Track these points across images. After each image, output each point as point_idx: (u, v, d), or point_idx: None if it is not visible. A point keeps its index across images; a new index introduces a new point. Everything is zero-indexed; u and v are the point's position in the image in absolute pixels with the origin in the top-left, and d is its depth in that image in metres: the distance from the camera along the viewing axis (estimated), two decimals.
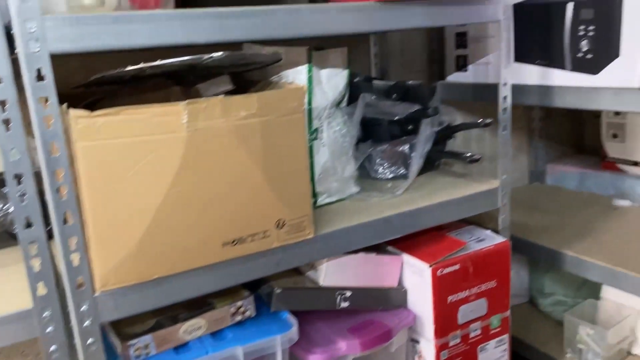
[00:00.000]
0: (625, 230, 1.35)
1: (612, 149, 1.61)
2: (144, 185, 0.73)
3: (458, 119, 1.55)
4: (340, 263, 1.00)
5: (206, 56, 0.75)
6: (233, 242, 0.82)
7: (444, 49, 1.51)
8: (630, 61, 1.07)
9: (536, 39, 1.24)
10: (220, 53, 0.75)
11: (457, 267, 1.04)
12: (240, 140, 0.79)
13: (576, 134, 1.88)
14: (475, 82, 1.41)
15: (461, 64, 1.45)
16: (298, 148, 0.85)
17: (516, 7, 1.25)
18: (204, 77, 0.96)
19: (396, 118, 1.16)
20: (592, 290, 1.37)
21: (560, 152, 1.85)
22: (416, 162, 1.13)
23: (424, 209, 1.04)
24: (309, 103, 1.01)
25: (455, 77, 1.47)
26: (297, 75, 1.01)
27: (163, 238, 0.76)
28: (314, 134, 1.03)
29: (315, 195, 1.04)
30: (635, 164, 1.55)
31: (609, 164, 1.63)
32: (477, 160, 1.11)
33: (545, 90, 1.24)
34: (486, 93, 1.37)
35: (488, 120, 1.14)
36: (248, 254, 0.84)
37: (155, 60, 0.73)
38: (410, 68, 1.52)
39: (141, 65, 0.72)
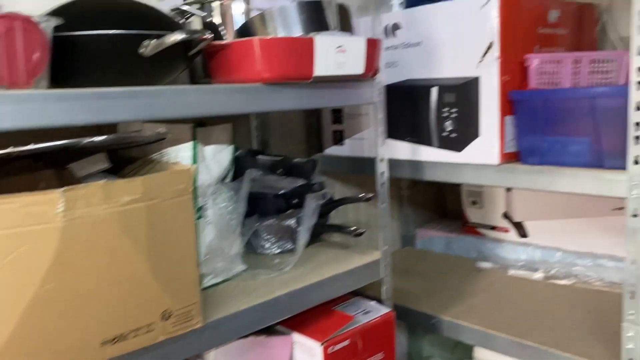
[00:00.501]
0: (491, 293, 1.47)
1: (472, 214, 1.76)
2: (10, 284, 0.64)
3: (337, 193, 1.60)
4: (229, 349, 0.95)
5: (86, 140, 0.69)
6: (114, 339, 0.74)
7: (321, 123, 1.57)
8: (488, 141, 1.19)
9: (406, 118, 1.34)
10: (102, 137, 0.70)
11: (347, 342, 1.04)
12: (123, 228, 0.73)
13: (440, 201, 2.03)
14: (352, 156, 1.48)
15: (338, 138, 1.51)
16: (186, 232, 0.81)
17: (388, 88, 1.35)
18: (77, 156, 0.89)
19: (282, 192, 1.17)
20: (466, 350, 1.45)
21: (427, 218, 1.98)
22: (303, 236, 1.13)
23: (312, 285, 1.04)
24: (195, 180, 0.97)
25: (333, 150, 1.53)
26: (181, 152, 0.97)
27: (31, 342, 0.66)
28: (198, 212, 1.00)
29: (200, 277, 0.99)
30: (493, 228, 1.71)
31: (470, 229, 1.77)
32: (361, 234, 1.15)
33: (416, 164, 1.34)
34: (363, 166, 1.44)
35: (369, 195, 1.19)
36: (131, 351, 0.77)
37: (27, 143, 0.66)
38: (290, 140, 1.55)
39: (9, 149, 0.64)
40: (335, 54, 0.98)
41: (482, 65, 1.17)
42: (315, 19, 0.98)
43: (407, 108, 1.34)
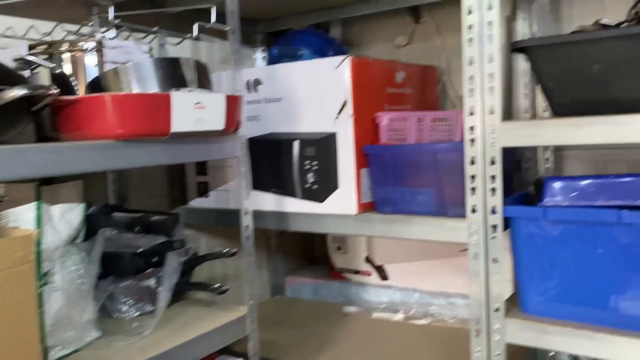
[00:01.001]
0: (356, 337, 1.51)
1: (338, 259, 1.81)
2: None
3: (203, 245, 1.57)
4: None
5: None
6: None
7: (184, 175, 1.54)
8: (347, 192, 1.25)
9: (271, 171, 1.37)
10: None
11: None
12: None
13: (308, 247, 2.07)
14: (218, 208, 1.46)
15: (203, 190, 1.49)
16: (25, 305, 0.74)
17: (252, 141, 1.37)
18: None
19: (140, 250, 1.12)
20: None
21: (296, 265, 2.00)
22: (164, 297, 1.09)
23: (175, 349, 0.99)
24: (38, 245, 0.89)
25: (197, 203, 1.50)
26: (23, 214, 0.89)
27: None
28: (43, 278, 0.91)
29: (45, 350, 0.90)
30: (357, 272, 1.78)
31: (337, 274, 1.83)
32: (225, 292, 1.13)
33: (282, 216, 1.36)
34: (229, 218, 1.43)
35: (234, 250, 1.18)
36: None
37: None
38: (151, 193, 1.50)
39: None
40: (193, 110, 0.97)
41: (338, 122, 1.24)
42: (173, 76, 0.97)
43: (271, 160, 1.37)
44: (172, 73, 0.97)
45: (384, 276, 1.72)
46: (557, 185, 1.05)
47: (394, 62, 1.37)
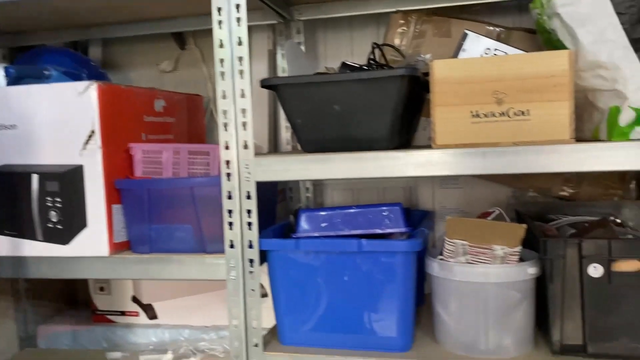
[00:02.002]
0: None
1: (101, 301, 1.65)
2: None
3: None
4: None
5: None
6: None
7: None
8: (96, 231, 1.13)
9: (5, 209, 1.17)
10: None
11: None
12: None
13: (67, 289, 1.85)
14: None
15: None
16: None
17: None
18: None
19: None
20: None
21: (53, 310, 1.76)
22: None
23: None
24: None
25: None
26: None
27: None
28: None
29: None
30: (123, 313, 1.63)
31: (100, 317, 1.65)
32: None
33: (18, 261, 1.17)
34: None
35: None
36: None
37: None
38: None
39: None
40: None
41: (85, 153, 1.12)
42: None
43: (5, 197, 1.17)
44: None
45: (152, 315, 1.61)
46: (308, 216, 1.09)
47: (152, 90, 1.30)
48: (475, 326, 1.01)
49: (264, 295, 1.50)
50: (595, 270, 0.94)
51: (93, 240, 1.13)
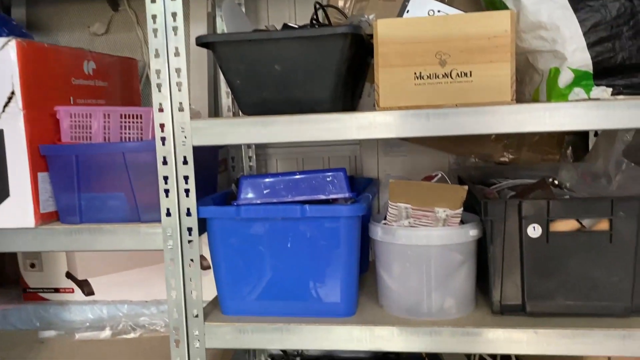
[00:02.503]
0: None
1: (31, 278, 1.56)
2: None
3: None
4: None
5: None
6: None
7: None
8: (20, 201, 1.05)
9: None
10: None
11: None
12: None
13: None
14: None
15: None
16: None
17: None
18: None
19: None
20: None
21: None
22: None
23: None
24: None
25: None
26: None
27: None
28: None
29: None
30: (56, 290, 1.55)
31: (32, 295, 1.57)
32: None
33: None
34: None
35: None
36: None
37: None
38: None
39: None
40: None
41: (5, 117, 1.03)
42: None
43: None
44: None
45: (89, 291, 1.54)
46: (250, 183, 1.05)
47: (81, 51, 1.21)
48: (418, 289, 1.01)
49: (207, 267, 1.46)
50: (534, 231, 0.95)
51: (17, 211, 1.05)
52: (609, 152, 1.07)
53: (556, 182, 1.04)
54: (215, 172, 1.32)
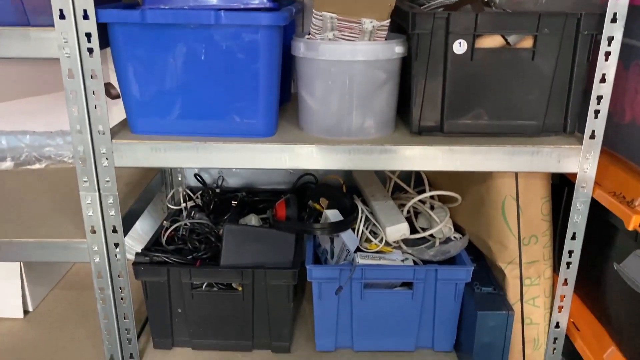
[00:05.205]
0: None
1: None
2: None
3: None
4: None
5: None
6: None
7: None
8: None
9: None
10: None
11: None
12: None
13: None
14: None
15: None
16: None
17: None
18: None
19: None
20: None
21: None
22: None
23: None
24: None
25: None
26: None
27: None
28: None
29: None
30: None
31: None
32: None
33: None
34: None
35: None
36: None
37: None
38: None
39: None
40: None
41: None
42: None
43: None
44: None
45: None
46: None
47: None
48: (339, 108, 0.97)
49: (117, 96, 1.36)
50: (459, 47, 0.92)
51: None
52: None
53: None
54: None
